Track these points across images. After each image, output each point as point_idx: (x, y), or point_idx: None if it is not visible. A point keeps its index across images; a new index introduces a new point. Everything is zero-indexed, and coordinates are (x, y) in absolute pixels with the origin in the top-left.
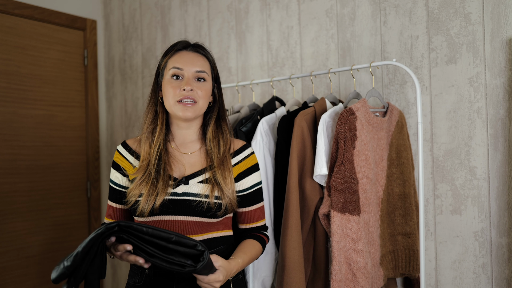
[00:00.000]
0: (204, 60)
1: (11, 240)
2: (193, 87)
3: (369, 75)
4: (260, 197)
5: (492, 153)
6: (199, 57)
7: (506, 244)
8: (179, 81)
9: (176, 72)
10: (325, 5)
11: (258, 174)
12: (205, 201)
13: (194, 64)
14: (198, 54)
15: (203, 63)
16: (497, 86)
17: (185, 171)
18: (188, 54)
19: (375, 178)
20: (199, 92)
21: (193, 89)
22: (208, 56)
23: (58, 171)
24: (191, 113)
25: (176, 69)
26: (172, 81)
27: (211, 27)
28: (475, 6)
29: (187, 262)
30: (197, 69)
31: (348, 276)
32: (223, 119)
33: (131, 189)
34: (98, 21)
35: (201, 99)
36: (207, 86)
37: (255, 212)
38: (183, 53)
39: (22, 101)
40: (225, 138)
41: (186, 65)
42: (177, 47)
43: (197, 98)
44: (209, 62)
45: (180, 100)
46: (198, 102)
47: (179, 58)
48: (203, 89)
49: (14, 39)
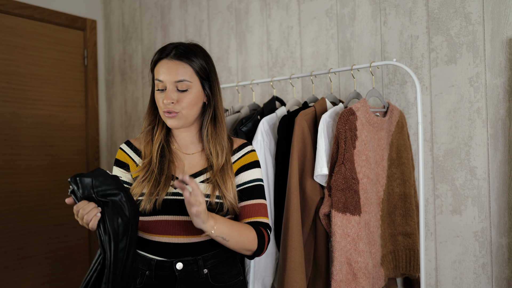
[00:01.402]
0: (185, 67)
1: (11, 240)
2: (173, 99)
3: (369, 75)
4: (260, 194)
5: (492, 153)
6: (179, 65)
7: (506, 244)
8: (163, 92)
9: (158, 84)
10: (325, 5)
11: (259, 171)
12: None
13: (173, 74)
14: (178, 62)
15: (183, 71)
16: (497, 86)
17: (188, 170)
18: (167, 64)
19: (376, 178)
20: (182, 103)
21: (174, 102)
22: (192, 59)
23: (58, 171)
24: (174, 123)
25: (158, 81)
26: (158, 92)
27: (211, 27)
28: (475, 6)
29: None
30: (177, 79)
31: (349, 276)
32: (217, 119)
33: (133, 187)
34: (98, 21)
35: (184, 109)
36: (191, 94)
37: (255, 207)
38: (163, 63)
39: (22, 101)
40: (220, 139)
41: (166, 75)
42: (157, 56)
43: (179, 109)
44: (192, 67)
45: (165, 111)
46: (179, 112)
47: (160, 68)
48: (186, 98)
49: (14, 39)
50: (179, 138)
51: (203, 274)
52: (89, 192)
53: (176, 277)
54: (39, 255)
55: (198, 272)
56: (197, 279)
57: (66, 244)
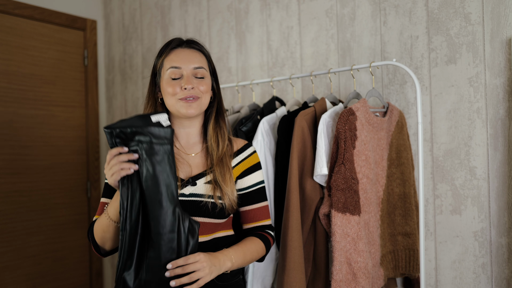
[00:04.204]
0: (200, 55)
1: (11, 240)
2: (193, 84)
3: (369, 75)
4: (263, 196)
5: (492, 153)
6: (195, 53)
7: (506, 244)
8: (179, 80)
9: (174, 72)
10: (325, 5)
11: (261, 173)
12: (210, 201)
13: (192, 61)
14: (193, 50)
15: (200, 59)
16: (497, 86)
17: (192, 171)
18: (183, 51)
19: (375, 178)
20: (201, 87)
21: (194, 87)
22: (204, 51)
23: (58, 171)
24: (194, 109)
25: (174, 69)
26: (171, 81)
27: (211, 27)
28: (475, 6)
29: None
30: (195, 66)
31: (349, 276)
32: (221, 114)
33: None
34: (98, 21)
35: (204, 94)
36: (207, 81)
37: (259, 211)
38: (178, 51)
39: (22, 101)
40: (222, 134)
41: (184, 62)
42: (171, 45)
43: (200, 94)
44: (205, 57)
45: (183, 98)
46: (201, 97)
47: (175, 56)
48: (204, 84)
49: (14, 39)
50: (182, 135)
51: None
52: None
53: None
54: (39, 255)
55: None
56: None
57: (66, 244)
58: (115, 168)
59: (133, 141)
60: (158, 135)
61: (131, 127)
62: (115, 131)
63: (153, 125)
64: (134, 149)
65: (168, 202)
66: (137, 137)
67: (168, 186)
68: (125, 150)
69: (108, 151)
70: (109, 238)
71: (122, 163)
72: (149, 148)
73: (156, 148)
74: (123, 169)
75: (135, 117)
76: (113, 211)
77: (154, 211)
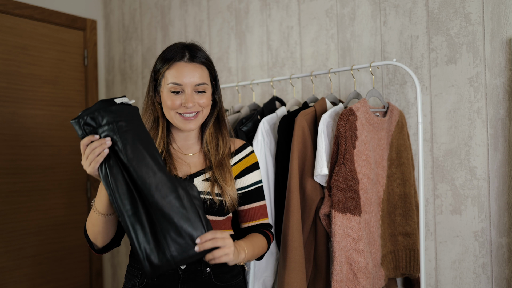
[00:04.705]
0: (202, 69)
1: (11, 240)
2: (194, 101)
3: (369, 75)
4: (262, 196)
5: (492, 153)
6: (197, 68)
7: (506, 244)
8: (179, 95)
9: (175, 88)
10: (325, 5)
11: (259, 173)
12: (208, 198)
13: (194, 77)
14: (196, 64)
15: (201, 73)
16: (497, 86)
17: (190, 170)
18: (186, 67)
19: (376, 178)
20: (201, 101)
21: (194, 104)
22: (206, 61)
23: (58, 171)
24: (193, 125)
25: (175, 85)
26: (171, 95)
27: (211, 27)
28: (475, 6)
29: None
30: (197, 83)
31: (349, 276)
32: (222, 120)
33: None
34: (98, 21)
35: (204, 107)
36: (208, 94)
37: (257, 210)
38: (180, 66)
39: (22, 101)
40: (224, 139)
41: (185, 79)
42: (174, 58)
43: (200, 108)
44: (207, 67)
45: (181, 114)
46: (201, 111)
47: (176, 72)
48: (204, 98)
49: (14, 39)
50: (180, 138)
51: (206, 273)
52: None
53: (180, 276)
54: (39, 255)
55: (201, 271)
56: (200, 278)
57: (66, 244)
58: (91, 156)
59: (101, 126)
60: (127, 113)
61: (98, 110)
62: (82, 119)
63: (118, 105)
64: (105, 134)
65: (155, 167)
66: (105, 119)
67: (151, 153)
68: (96, 137)
69: (80, 143)
70: (99, 232)
71: (95, 149)
72: (120, 127)
73: (127, 124)
74: (99, 155)
75: (99, 102)
76: (99, 202)
77: (147, 179)
